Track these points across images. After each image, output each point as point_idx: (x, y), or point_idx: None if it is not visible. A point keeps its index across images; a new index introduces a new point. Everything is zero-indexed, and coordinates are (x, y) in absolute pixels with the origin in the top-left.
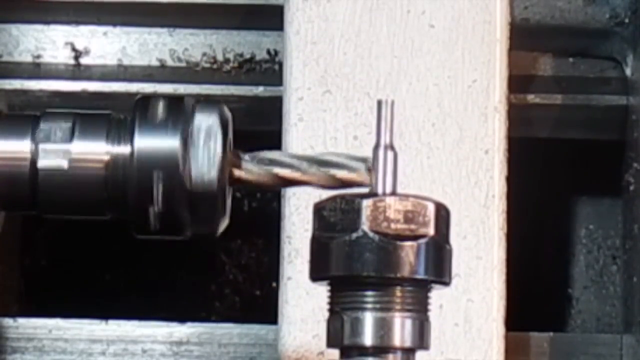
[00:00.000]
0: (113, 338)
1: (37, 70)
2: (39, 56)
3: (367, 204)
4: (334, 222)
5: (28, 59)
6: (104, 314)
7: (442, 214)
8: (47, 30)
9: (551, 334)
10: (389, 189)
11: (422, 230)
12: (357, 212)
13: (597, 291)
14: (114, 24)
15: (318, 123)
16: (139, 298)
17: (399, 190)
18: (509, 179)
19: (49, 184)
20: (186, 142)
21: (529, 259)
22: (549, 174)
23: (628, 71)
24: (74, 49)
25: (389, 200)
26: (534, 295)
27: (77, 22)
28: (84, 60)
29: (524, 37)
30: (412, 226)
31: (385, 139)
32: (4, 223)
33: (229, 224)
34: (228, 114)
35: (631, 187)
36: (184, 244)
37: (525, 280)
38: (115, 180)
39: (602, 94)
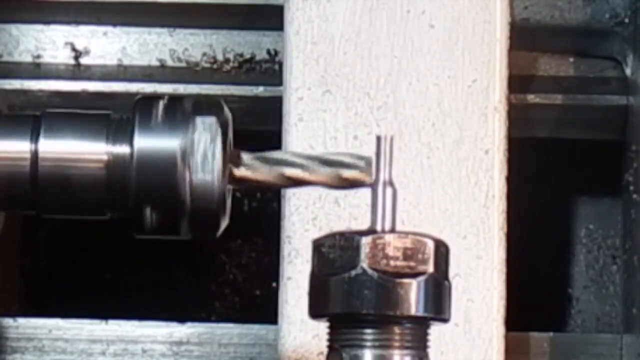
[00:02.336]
0: (113, 338)
1: (37, 70)
2: (39, 56)
3: (366, 241)
4: (333, 259)
5: (28, 59)
6: (104, 314)
7: (442, 251)
8: (47, 30)
9: (551, 334)
10: (388, 226)
11: (421, 268)
12: (356, 249)
13: (597, 291)
14: (114, 24)
15: (318, 123)
16: (139, 298)
17: (398, 189)
18: (509, 179)
19: (49, 184)
20: (186, 142)
21: (529, 259)
22: (549, 174)
23: (628, 71)
24: (74, 49)
25: (388, 237)
26: (534, 295)
27: (77, 22)
28: (84, 60)
29: (524, 37)
30: (412, 263)
31: (384, 175)
32: (4, 223)
33: (229, 224)
34: (228, 114)
35: (631, 187)
36: (184, 244)
37: (525, 280)
38: (115, 180)
39: (602, 94)
